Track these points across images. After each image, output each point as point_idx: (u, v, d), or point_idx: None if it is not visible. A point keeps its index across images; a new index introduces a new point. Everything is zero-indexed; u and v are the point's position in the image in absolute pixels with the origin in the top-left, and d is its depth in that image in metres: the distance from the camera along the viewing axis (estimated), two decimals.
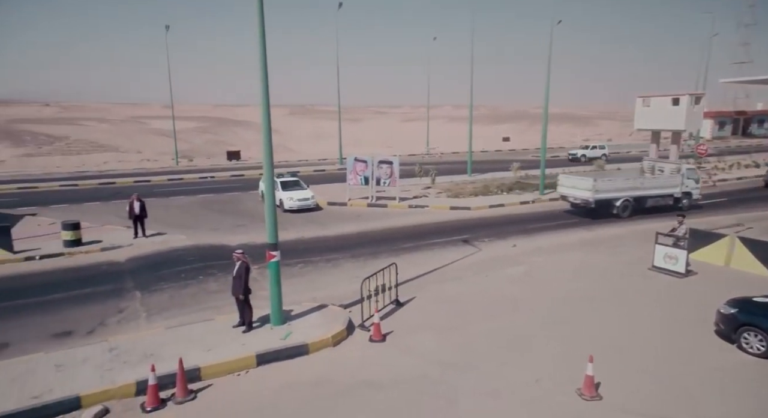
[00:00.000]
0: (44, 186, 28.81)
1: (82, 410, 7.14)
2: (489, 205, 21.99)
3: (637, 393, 7.36)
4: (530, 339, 9.20)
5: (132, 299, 11.43)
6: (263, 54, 8.78)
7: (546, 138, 25.36)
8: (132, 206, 16.30)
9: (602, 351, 8.39)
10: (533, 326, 9.73)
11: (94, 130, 67.86)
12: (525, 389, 7.52)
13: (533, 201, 23.04)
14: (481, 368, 8.20)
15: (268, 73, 8.98)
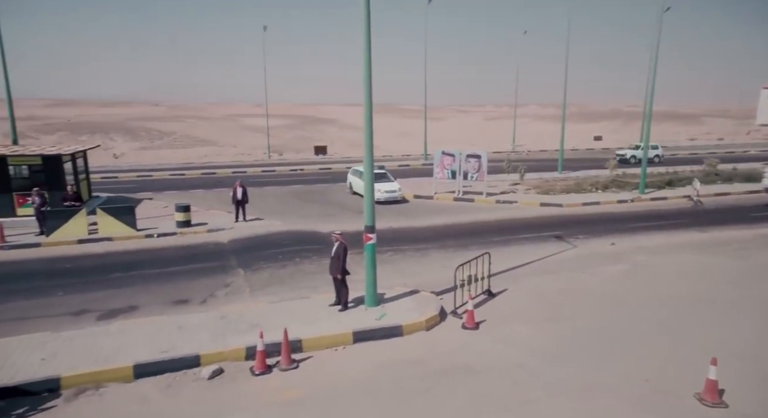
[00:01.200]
0: (157, 175, 31.87)
1: (202, 367, 7.84)
2: (582, 202, 20.93)
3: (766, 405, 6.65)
4: (635, 337, 8.65)
5: (236, 276, 12.31)
6: (368, 55, 9.01)
7: (649, 136, 23.64)
8: (235, 192, 17.53)
9: (723, 357, 7.67)
10: (638, 325, 9.14)
11: (196, 127, 73.86)
12: (632, 388, 7.09)
13: (632, 200, 21.58)
14: (582, 362, 7.85)
15: (371, 73, 9.21)
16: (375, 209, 9.96)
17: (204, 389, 7.37)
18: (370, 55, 9.04)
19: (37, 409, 6.83)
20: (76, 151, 19.60)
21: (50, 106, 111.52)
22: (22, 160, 17.63)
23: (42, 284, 11.76)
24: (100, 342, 8.42)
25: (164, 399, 7.11)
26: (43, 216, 15.53)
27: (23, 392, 7.11)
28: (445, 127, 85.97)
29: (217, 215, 18.83)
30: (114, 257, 14.04)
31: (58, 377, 7.33)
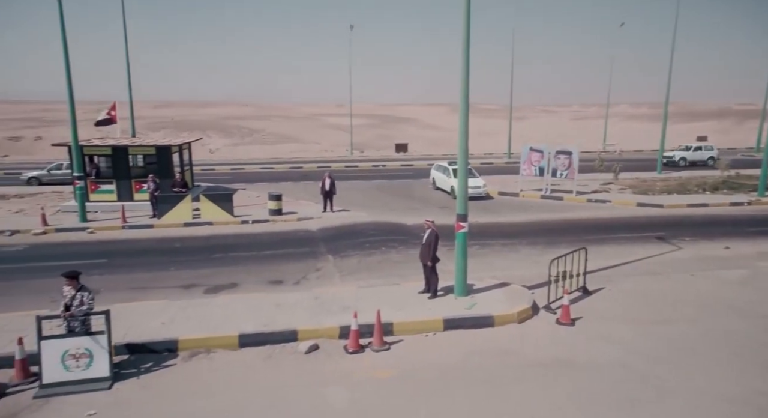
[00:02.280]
0: (249, 168, 33.91)
1: (299, 342, 8.22)
2: (687, 203, 19.26)
3: None
4: (760, 347, 7.81)
5: (326, 261, 12.76)
6: (466, 55, 8.95)
7: (760, 135, 21.24)
8: (324, 183, 18.19)
9: None
10: (761, 335, 8.24)
11: (282, 125, 77.48)
12: (755, 399, 6.41)
13: (749, 203, 19.49)
14: (693, 368, 7.23)
15: (469, 71, 9.13)
16: (455, 201, 9.85)
17: (301, 361, 7.72)
18: (469, 54, 9.00)
19: (160, 365, 7.55)
20: (183, 143, 21.37)
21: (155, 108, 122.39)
22: (139, 151, 19.57)
23: (157, 259, 12.95)
24: (208, 312, 9.11)
25: (266, 367, 7.54)
26: (156, 200, 17.12)
27: (148, 349, 7.89)
28: (528, 126, 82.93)
29: (306, 205, 19.64)
30: (215, 239, 15.12)
31: (176, 340, 8.04)
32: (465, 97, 9.26)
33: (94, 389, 6.84)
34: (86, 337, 7.01)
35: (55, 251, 13.85)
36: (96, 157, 19.65)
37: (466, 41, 8.89)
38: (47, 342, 6.86)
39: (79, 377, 6.91)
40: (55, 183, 25.76)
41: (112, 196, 19.22)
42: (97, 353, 6.98)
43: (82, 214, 16.69)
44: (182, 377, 7.27)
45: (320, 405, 6.51)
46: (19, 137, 54.40)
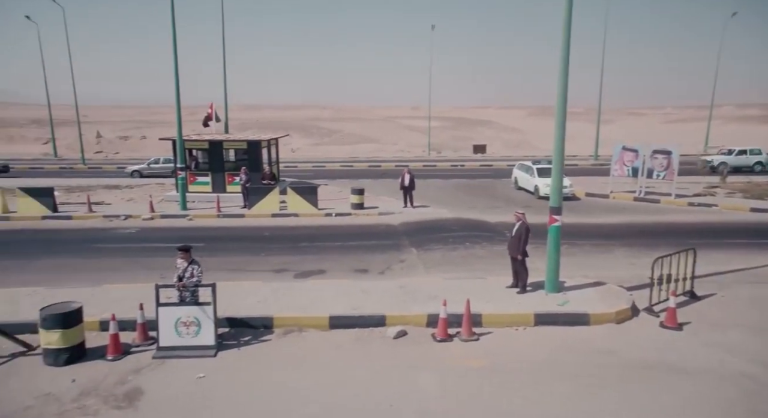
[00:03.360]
0: (329, 166, 35.00)
1: (387, 327, 8.30)
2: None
3: None
4: None
5: (409, 254, 12.81)
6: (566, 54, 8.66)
7: None
8: (403, 179, 18.30)
9: None
10: None
11: (359, 126, 79.17)
12: None
13: None
14: None
15: (568, 72, 8.83)
16: (542, 206, 9.50)
17: (390, 346, 7.79)
18: (568, 53, 8.72)
19: (257, 339, 7.97)
20: (271, 138, 22.51)
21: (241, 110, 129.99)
22: (232, 145, 20.87)
23: (249, 245, 13.71)
24: (299, 294, 9.48)
25: (356, 349, 7.70)
26: (247, 191, 18.15)
27: (246, 324, 8.37)
28: (614, 129, 78.32)
29: (386, 201, 19.86)
30: (300, 229, 15.73)
31: (271, 317, 8.45)
32: (563, 95, 8.97)
33: (202, 355, 7.35)
34: (195, 307, 7.55)
35: (161, 234, 15.12)
36: (195, 151, 21.21)
37: (566, 41, 8.63)
38: (163, 309, 7.48)
39: (189, 344, 7.46)
40: (154, 176, 28.62)
41: (208, 187, 20.65)
42: (205, 323, 7.50)
43: (182, 202, 18.09)
44: (278, 351, 7.62)
45: (412, 388, 6.52)
46: (128, 137, 60.21)
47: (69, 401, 6.20)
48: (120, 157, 45.37)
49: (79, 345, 7.30)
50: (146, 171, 29.24)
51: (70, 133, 50.98)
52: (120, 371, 6.96)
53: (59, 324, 7.01)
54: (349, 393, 6.40)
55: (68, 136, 52.29)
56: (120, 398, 6.29)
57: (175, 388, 6.54)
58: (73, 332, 7.15)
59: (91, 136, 54.10)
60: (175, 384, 6.63)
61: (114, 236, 14.96)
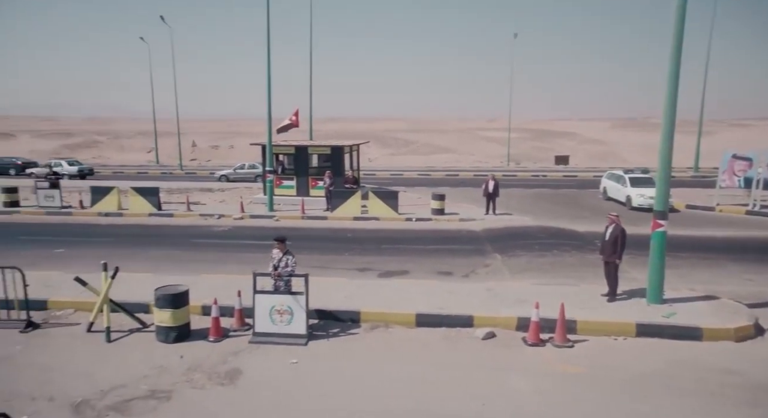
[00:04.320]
0: (407, 174, 35.26)
1: (475, 328, 8.11)
2: None
3: None
4: None
5: (494, 259, 12.48)
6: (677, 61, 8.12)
7: None
8: (487, 185, 17.95)
9: None
10: None
11: (435, 137, 79.12)
12: None
13: None
14: None
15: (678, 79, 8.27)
16: (634, 218, 8.77)
17: (479, 347, 7.59)
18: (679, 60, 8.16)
19: (345, 332, 8.11)
20: (353, 144, 23.11)
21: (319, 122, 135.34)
22: (317, 150, 21.68)
23: (332, 245, 14.07)
24: (384, 292, 9.54)
25: (444, 347, 7.58)
26: (330, 195, 18.71)
27: (334, 317, 8.55)
28: (714, 141, 71.90)
29: (467, 208, 19.59)
30: (381, 232, 15.90)
31: (359, 311, 8.56)
32: (672, 102, 8.38)
33: (293, 343, 7.60)
34: (289, 296, 7.84)
35: (250, 232, 15.97)
36: (281, 155, 22.27)
37: (676, 48, 8.08)
38: (260, 296, 7.84)
39: (282, 331, 7.75)
40: (239, 180, 30.76)
41: (292, 191, 21.55)
42: (297, 312, 7.75)
43: (270, 204, 19.01)
44: (365, 344, 7.69)
45: (505, 389, 6.29)
46: (218, 146, 64.72)
47: (179, 374, 6.66)
48: (211, 164, 48.79)
49: (186, 325, 7.85)
50: (232, 176, 31.48)
51: (169, 143, 55.70)
52: (221, 351, 7.37)
53: (170, 304, 7.58)
54: (440, 389, 6.30)
55: (168, 145, 57.14)
56: (222, 376, 6.65)
57: (271, 371, 6.81)
58: (181, 312, 7.71)
59: (187, 145, 58.75)
60: (270, 367, 6.91)
61: (209, 233, 16.03)
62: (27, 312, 8.15)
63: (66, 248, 13.64)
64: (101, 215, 18.75)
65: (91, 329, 8.00)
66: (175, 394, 6.18)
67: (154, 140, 49.08)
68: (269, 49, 17.79)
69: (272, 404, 5.98)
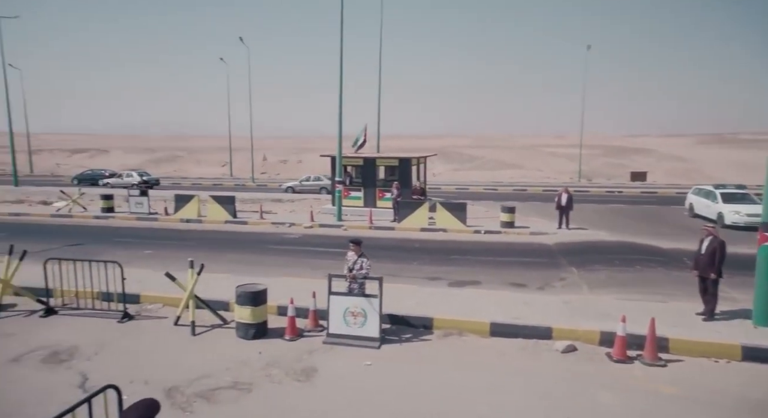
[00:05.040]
0: (472, 188, 34.81)
1: (554, 340, 7.73)
2: None
3: None
4: None
5: (569, 273, 11.91)
6: None
7: None
8: (560, 198, 17.28)
9: None
10: None
11: (500, 153, 77.73)
12: None
13: None
14: None
15: None
16: (727, 236, 8.01)
17: (558, 360, 7.21)
18: None
19: (418, 338, 8.01)
20: (420, 156, 23.16)
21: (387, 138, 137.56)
22: (384, 162, 21.93)
23: (400, 255, 14.06)
24: (455, 301, 9.36)
25: (521, 358, 7.27)
26: (398, 205, 18.79)
27: (406, 322, 8.49)
28: None
29: (537, 222, 18.94)
30: (450, 244, 15.70)
31: (431, 318, 8.44)
32: None
33: (366, 345, 7.60)
34: (363, 298, 7.88)
35: (320, 240, 16.34)
36: (349, 167, 22.72)
37: None
38: (334, 297, 7.94)
39: (355, 333, 7.78)
40: (304, 192, 31.81)
41: (359, 202, 21.87)
42: (370, 315, 7.77)
43: (338, 213, 19.40)
44: (438, 350, 7.55)
45: (591, 403, 5.91)
46: (286, 160, 67.37)
47: (258, 369, 6.85)
48: (280, 177, 50.77)
49: (263, 323, 8.09)
50: (298, 187, 32.70)
51: (241, 158, 58.77)
52: (296, 350, 7.52)
53: (250, 301, 7.87)
54: (519, 399, 6.03)
55: (240, 160, 60.26)
56: (298, 373, 6.77)
57: (345, 371, 6.84)
58: (260, 310, 7.97)
59: (258, 160, 61.67)
60: (344, 368, 6.94)
61: (281, 240, 16.58)
62: (124, 305, 8.78)
63: (153, 249, 14.63)
64: (183, 221, 20.00)
65: (178, 322, 8.46)
66: (256, 387, 6.36)
67: (228, 155, 51.94)
68: (341, 68, 18.37)
69: (348, 402, 5.99)
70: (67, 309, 9.05)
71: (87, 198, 24.06)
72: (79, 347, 7.49)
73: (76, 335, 7.95)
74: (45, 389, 6.23)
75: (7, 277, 9.02)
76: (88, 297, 9.03)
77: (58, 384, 6.35)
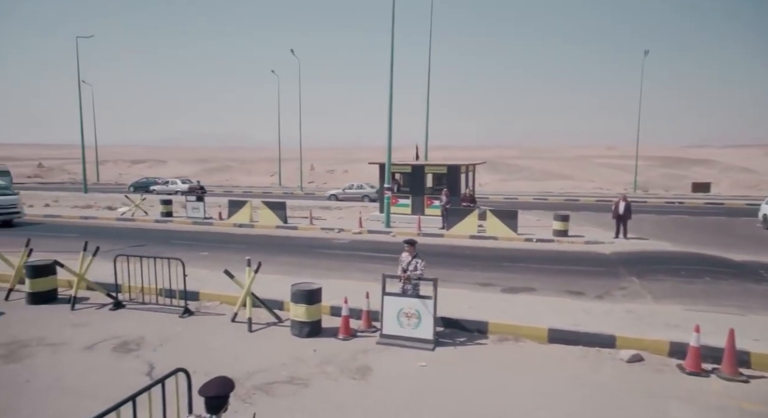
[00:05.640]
0: (521, 198, 34.08)
1: (618, 349, 7.34)
2: None
3: None
4: None
5: (630, 282, 11.35)
6: None
7: None
8: (617, 206, 16.58)
9: None
10: None
11: (549, 164, 75.82)
12: None
13: None
14: None
15: None
16: None
17: (624, 370, 6.82)
18: None
19: (473, 342, 7.83)
20: (469, 164, 22.92)
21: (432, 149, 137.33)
22: (433, 169, 21.84)
23: (450, 261, 13.86)
24: (510, 306, 9.11)
25: (583, 366, 6.94)
26: (447, 212, 18.61)
27: (460, 326, 8.33)
28: None
29: (591, 231, 18.25)
30: (501, 251, 15.35)
31: (486, 322, 8.24)
32: None
33: (420, 347, 7.49)
34: (417, 299, 7.80)
35: (369, 245, 16.40)
36: (397, 174, 22.77)
37: None
38: (388, 298, 7.90)
39: (409, 335, 7.69)
40: (348, 199, 32.35)
41: (407, 209, 21.82)
42: (425, 316, 7.67)
43: (387, 220, 19.43)
44: (494, 354, 7.33)
45: (663, 416, 5.54)
46: (333, 170, 68.53)
47: (313, 366, 6.89)
48: (328, 186, 51.59)
49: (318, 322, 8.16)
50: (341, 195, 33.50)
51: (289, 167, 60.27)
52: (350, 349, 7.51)
53: (305, 300, 7.96)
54: (583, 408, 5.74)
55: (288, 169, 61.82)
56: (353, 371, 6.75)
57: (400, 371, 6.76)
58: (314, 309, 8.05)
59: (306, 169, 63.07)
60: (399, 368, 6.86)
61: (331, 244, 16.77)
62: (185, 301, 9.11)
63: (209, 251, 15.15)
64: (236, 225, 20.64)
65: (235, 319, 8.68)
66: (312, 382, 6.39)
67: (277, 165, 53.39)
68: (392, 80, 18.55)
69: (404, 402, 5.90)
70: (134, 303, 9.49)
71: (147, 203, 25.35)
72: (145, 339, 7.81)
73: (142, 328, 8.30)
74: (117, 374, 6.55)
75: (81, 271, 9.57)
76: (152, 293, 9.43)
77: (127, 371, 6.65)
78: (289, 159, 62.25)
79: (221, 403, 3.23)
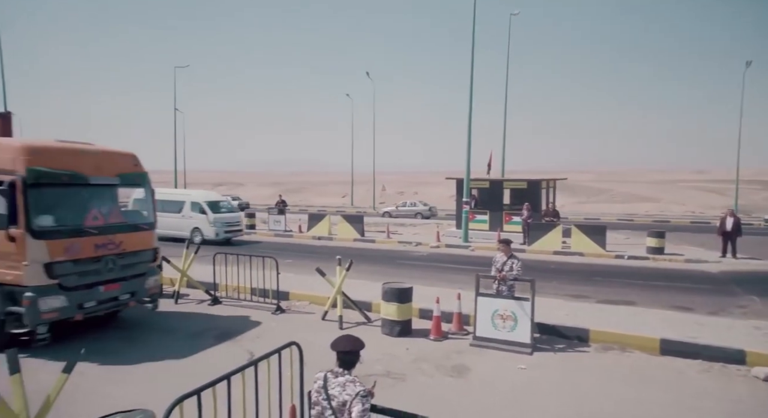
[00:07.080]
0: (605, 219, 32.26)
1: (749, 366, 6.55)
2: None
3: None
4: None
5: (750, 301, 10.23)
6: None
7: None
8: (724, 222, 15.17)
9: None
10: None
11: (631, 187, 71.55)
12: None
13: None
14: None
15: None
16: None
17: (760, 387, 6.05)
18: None
19: (573, 349, 7.36)
20: (549, 179, 22.10)
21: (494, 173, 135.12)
22: (513, 184, 21.28)
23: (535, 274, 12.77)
24: (609, 316, 8.49)
25: (708, 380, 6.24)
26: (528, 227, 17.96)
27: (558, 333, 7.86)
28: None
29: (691, 249, 16.82)
30: (590, 267, 14.48)
31: (587, 330, 7.72)
32: None
33: (517, 351, 7.13)
34: (513, 301, 7.47)
35: (448, 258, 16.13)
36: (474, 190, 22.39)
37: None
38: (482, 299, 7.64)
39: (504, 338, 7.36)
40: (400, 216, 33.35)
41: (485, 225, 21.32)
42: (521, 319, 7.31)
43: (465, 235, 19.08)
44: (599, 363, 6.81)
45: None
46: (403, 192, 69.08)
47: (408, 362, 6.76)
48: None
49: (408, 321, 8.05)
50: (395, 212, 34.35)
51: (360, 190, 61.48)
52: (444, 349, 7.31)
53: (396, 298, 7.89)
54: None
55: (359, 191, 63.07)
56: (449, 369, 6.54)
57: (498, 372, 6.46)
58: (406, 308, 7.95)
59: (378, 190, 64.07)
60: (497, 369, 6.56)
61: (409, 256, 16.69)
62: (278, 298, 9.38)
63: (293, 259, 15.62)
64: (315, 238, 21.20)
65: (325, 317, 8.78)
66: (408, 377, 6.26)
67: (349, 188, 54.77)
68: (471, 94, 18.53)
69: (504, 402, 5.60)
70: (230, 299, 9.92)
71: None
72: (243, 331, 8.10)
73: (239, 321, 8.63)
74: (224, 355, 6.85)
75: (184, 268, 10.19)
76: (246, 292, 9.82)
77: (232, 354, 6.91)
78: (359, 182, 63.66)
79: (354, 359, 3.22)
